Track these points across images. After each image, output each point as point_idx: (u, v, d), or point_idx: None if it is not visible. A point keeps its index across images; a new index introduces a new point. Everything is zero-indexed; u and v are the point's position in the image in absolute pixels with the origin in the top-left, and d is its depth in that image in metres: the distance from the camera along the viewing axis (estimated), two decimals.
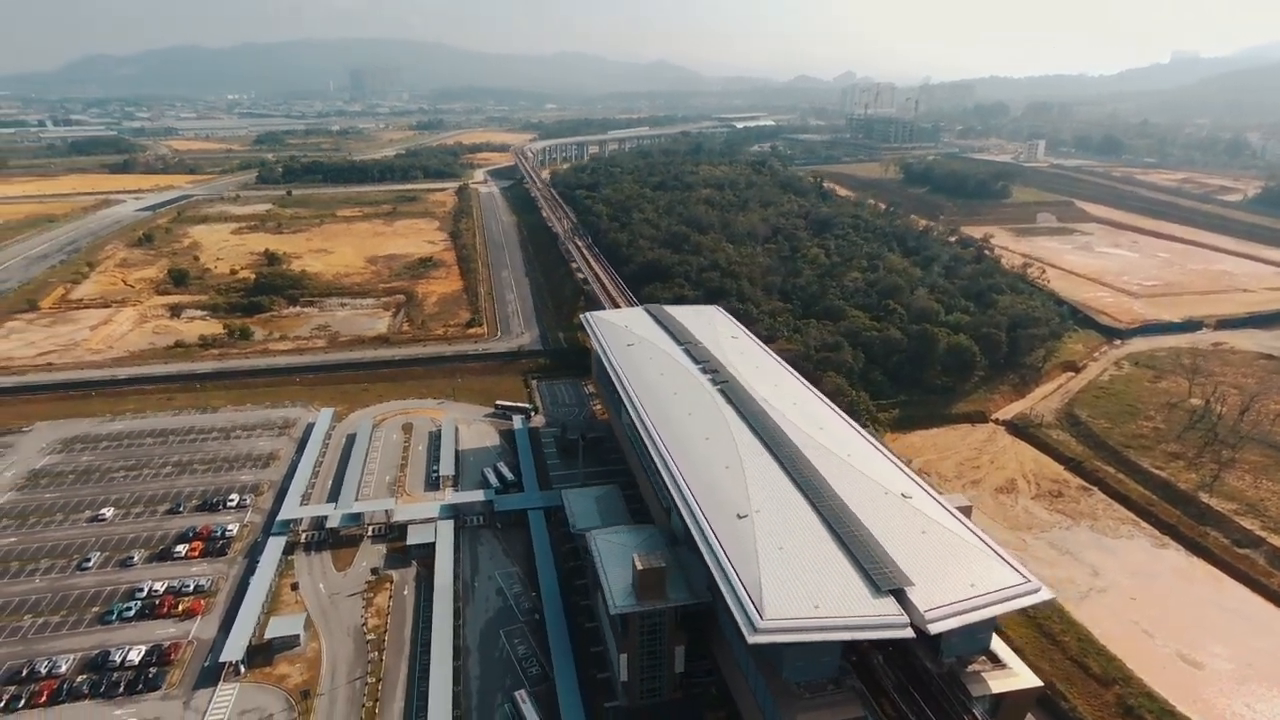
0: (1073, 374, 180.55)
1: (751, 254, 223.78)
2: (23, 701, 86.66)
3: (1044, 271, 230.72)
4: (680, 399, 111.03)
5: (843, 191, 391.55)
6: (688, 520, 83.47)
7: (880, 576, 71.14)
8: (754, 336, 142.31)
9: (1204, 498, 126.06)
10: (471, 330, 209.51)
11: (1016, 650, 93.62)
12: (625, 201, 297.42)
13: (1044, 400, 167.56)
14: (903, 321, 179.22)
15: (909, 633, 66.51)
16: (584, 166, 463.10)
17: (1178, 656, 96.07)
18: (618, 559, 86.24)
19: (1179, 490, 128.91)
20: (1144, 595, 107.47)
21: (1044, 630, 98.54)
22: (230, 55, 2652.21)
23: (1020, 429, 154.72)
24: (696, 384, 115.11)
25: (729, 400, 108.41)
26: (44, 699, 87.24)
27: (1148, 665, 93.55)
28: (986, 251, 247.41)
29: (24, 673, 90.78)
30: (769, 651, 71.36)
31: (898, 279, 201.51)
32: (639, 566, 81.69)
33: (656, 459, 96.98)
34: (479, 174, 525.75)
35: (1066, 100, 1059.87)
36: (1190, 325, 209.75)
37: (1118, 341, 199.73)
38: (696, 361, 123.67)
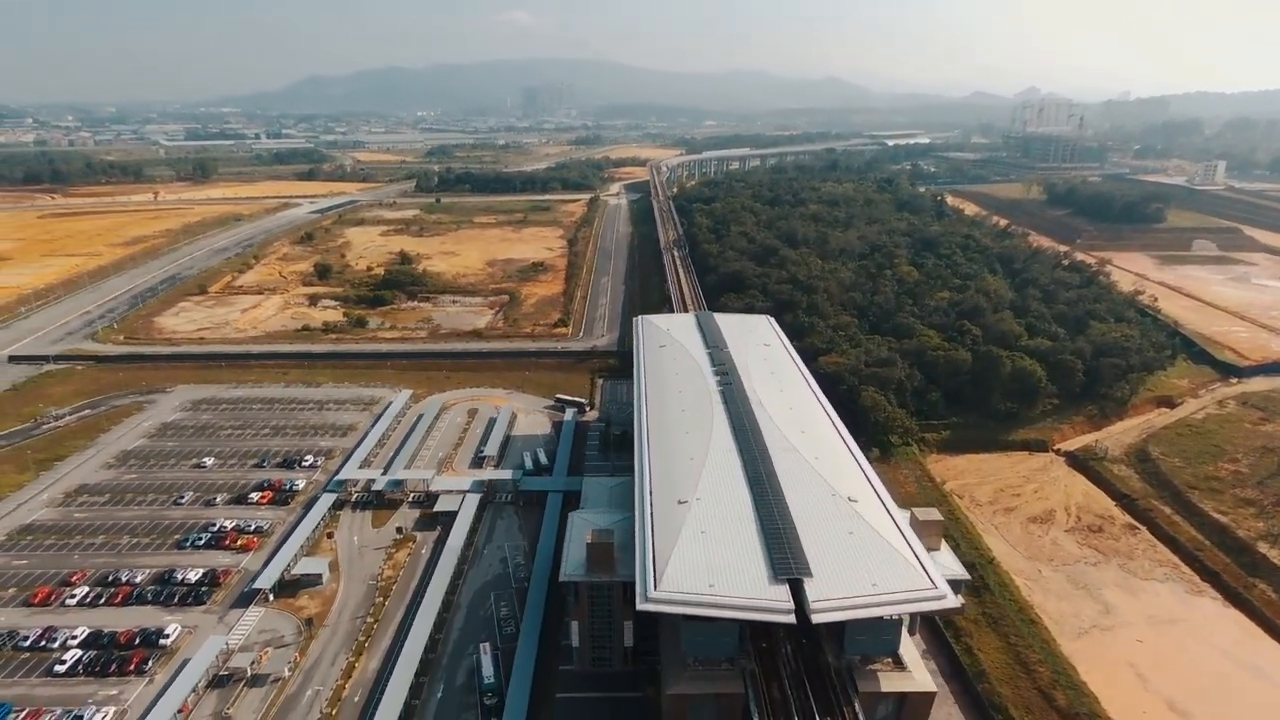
0: (1166, 410, 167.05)
1: (834, 269, 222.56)
2: (104, 600, 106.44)
3: (1155, 299, 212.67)
4: (682, 396, 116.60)
5: (971, 211, 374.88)
6: (635, 502, 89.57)
7: (782, 565, 74.12)
8: (790, 348, 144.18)
9: (1262, 547, 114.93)
10: (557, 330, 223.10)
11: (981, 673, 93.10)
12: (727, 215, 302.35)
13: (1121, 434, 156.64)
14: (976, 343, 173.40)
15: (791, 619, 69.24)
16: (710, 181, 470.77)
17: (1166, 704, 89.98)
18: (581, 534, 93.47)
19: (1236, 537, 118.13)
20: (1154, 639, 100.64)
21: (1020, 658, 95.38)
22: (425, 75, 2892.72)
23: (1080, 461, 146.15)
24: (703, 384, 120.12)
25: (724, 400, 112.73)
26: (119, 600, 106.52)
27: (1125, 707, 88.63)
28: (1102, 277, 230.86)
29: (109, 578, 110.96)
30: (675, 627, 76.49)
31: (981, 300, 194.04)
32: (588, 540, 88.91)
33: (636, 447, 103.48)
34: (615, 187, 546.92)
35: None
36: None
37: (1233, 379, 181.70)
38: (714, 364, 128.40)
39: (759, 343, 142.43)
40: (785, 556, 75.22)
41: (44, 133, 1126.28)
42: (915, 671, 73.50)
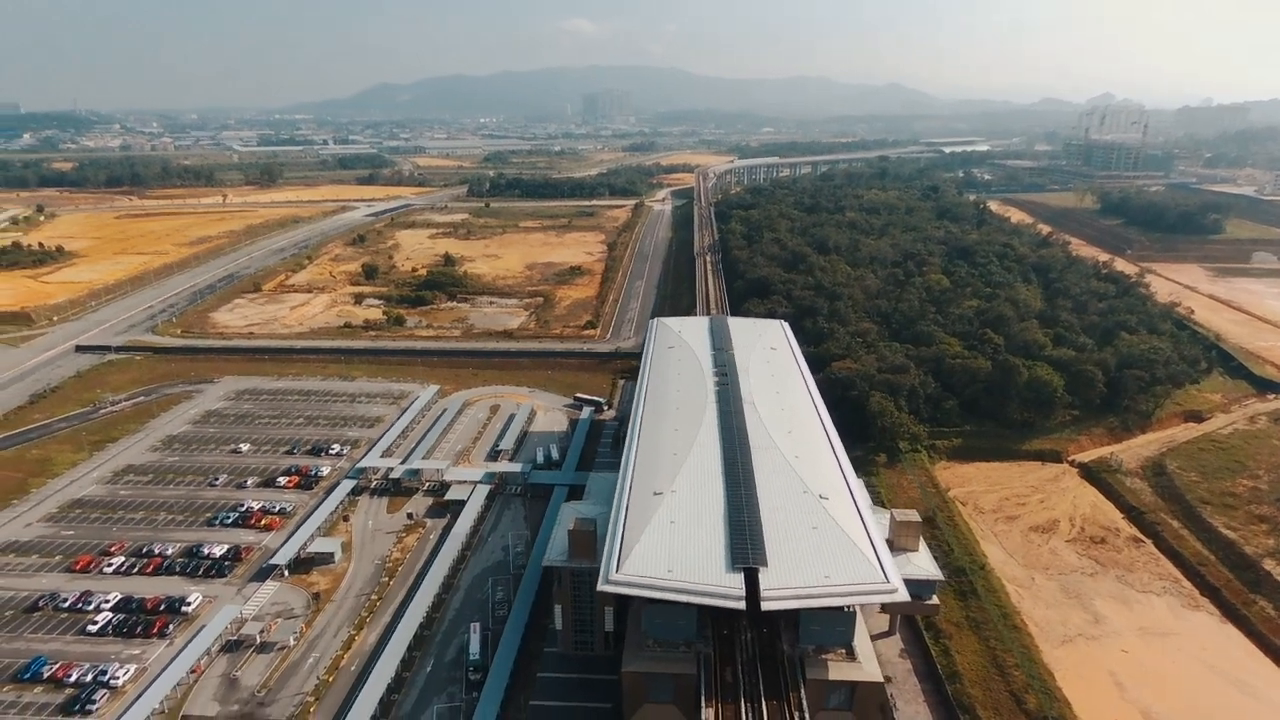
0: (1193, 424, 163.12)
1: (861, 275, 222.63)
2: (136, 569, 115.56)
3: (1192, 311, 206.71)
4: (679, 395, 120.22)
5: (1018, 219, 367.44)
6: (615, 492, 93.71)
7: (740, 555, 77.30)
8: (797, 352, 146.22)
9: (1268, 564, 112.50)
10: (586, 332, 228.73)
11: (955, 674, 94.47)
12: (761, 222, 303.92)
13: (1140, 447, 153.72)
14: (997, 351, 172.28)
15: (741, 605, 72.47)
16: (754, 188, 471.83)
17: (1141, 714, 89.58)
18: (567, 523, 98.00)
19: (1242, 553, 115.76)
20: (1141, 651, 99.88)
21: (997, 661, 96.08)
22: (489, 82, 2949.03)
23: (1093, 473, 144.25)
24: (701, 383, 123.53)
25: (718, 399, 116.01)
26: (150, 570, 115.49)
27: (1098, 714, 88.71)
28: (1141, 288, 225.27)
29: (144, 550, 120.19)
30: (638, 609, 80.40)
31: (1006, 309, 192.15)
32: (570, 527, 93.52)
33: (626, 441, 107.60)
34: (663, 193, 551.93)
35: None
36: None
37: (1270, 395, 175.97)
38: (716, 365, 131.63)
39: (766, 346, 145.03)
40: (745, 547, 78.35)
41: (129, 138, 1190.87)
42: (865, 663, 75.74)
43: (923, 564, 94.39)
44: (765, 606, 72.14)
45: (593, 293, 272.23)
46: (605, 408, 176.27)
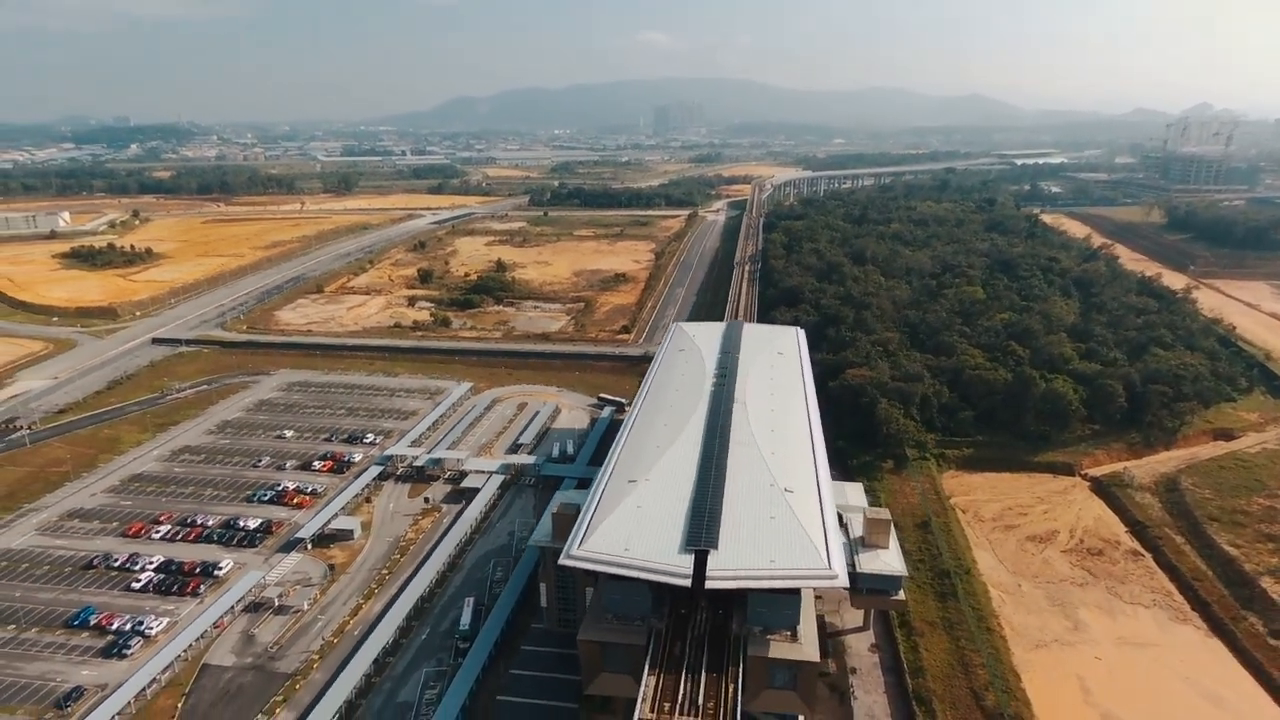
0: (1222, 442, 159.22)
1: (893, 286, 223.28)
2: (179, 537, 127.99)
3: (1234, 328, 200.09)
4: (676, 393, 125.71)
5: (1080, 233, 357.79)
6: (595, 480, 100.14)
7: (693, 538, 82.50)
8: (805, 358, 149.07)
9: (1265, 582, 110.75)
10: (619, 336, 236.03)
11: (920, 669, 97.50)
12: (803, 233, 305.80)
13: (1160, 463, 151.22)
14: (1020, 364, 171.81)
15: (686, 583, 77.56)
16: (807, 200, 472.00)
17: (1101, 716, 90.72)
18: (554, 507, 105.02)
19: (1240, 570, 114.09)
20: (1115, 659, 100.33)
21: (964, 660, 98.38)
22: (564, 95, 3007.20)
23: (1103, 487, 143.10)
24: (699, 384, 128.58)
25: (711, 398, 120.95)
26: (191, 538, 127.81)
27: (1057, 715, 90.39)
28: (1187, 304, 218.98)
29: (188, 520, 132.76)
30: (598, 585, 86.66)
31: (1034, 322, 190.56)
32: (554, 510, 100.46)
33: (618, 433, 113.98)
34: (719, 204, 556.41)
35: None
36: None
37: None
38: (719, 367, 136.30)
39: (774, 351, 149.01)
40: (699, 531, 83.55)
41: (225, 148, 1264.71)
42: (806, 645, 79.82)
43: (890, 560, 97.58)
44: (709, 585, 77.27)
45: (633, 299, 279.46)
46: (626, 407, 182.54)
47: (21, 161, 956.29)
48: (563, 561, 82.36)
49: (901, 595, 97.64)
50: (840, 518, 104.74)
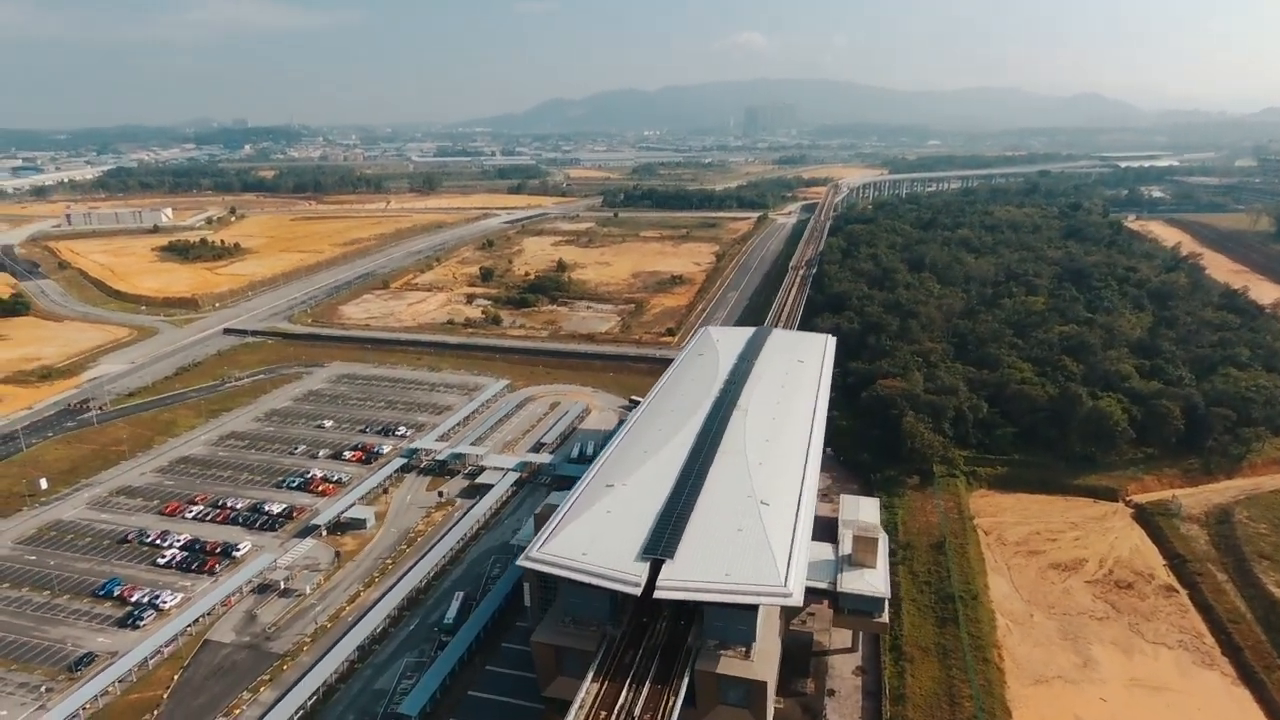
0: None
1: (945, 294, 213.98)
2: (209, 518, 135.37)
3: None
4: (680, 399, 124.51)
5: (1176, 241, 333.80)
6: (577, 483, 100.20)
7: (652, 547, 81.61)
8: (827, 367, 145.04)
9: None
10: (664, 339, 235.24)
11: (902, 696, 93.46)
12: (862, 236, 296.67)
13: (1216, 492, 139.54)
14: (1070, 379, 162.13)
15: (636, 591, 76.88)
16: (881, 203, 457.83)
17: None
18: (540, 508, 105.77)
19: None
20: (1122, 702, 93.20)
21: (951, 690, 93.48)
22: (656, 96, 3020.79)
23: (1146, 515, 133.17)
24: (705, 390, 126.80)
25: (713, 404, 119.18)
26: (219, 519, 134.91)
27: None
28: (1276, 322, 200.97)
29: (219, 503, 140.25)
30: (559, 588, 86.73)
31: (1092, 336, 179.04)
32: (537, 511, 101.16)
33: (613, 437, 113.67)
34: (793, 206, 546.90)
35: None
36: None
37: None
38: (731, 373, 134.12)
39: (794, 359, 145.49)
40: (659, 540, 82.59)
41: (329, 149, 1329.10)
42: (759, 663, 77.64)
43: (874, 580, 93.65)
44: (656, 594, 76.30)
45: (685, 302, 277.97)
46: None
47: (146, 160, 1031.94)
48: (520, 562, 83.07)
49: (884, 618, 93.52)
50: (837, 534, 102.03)
